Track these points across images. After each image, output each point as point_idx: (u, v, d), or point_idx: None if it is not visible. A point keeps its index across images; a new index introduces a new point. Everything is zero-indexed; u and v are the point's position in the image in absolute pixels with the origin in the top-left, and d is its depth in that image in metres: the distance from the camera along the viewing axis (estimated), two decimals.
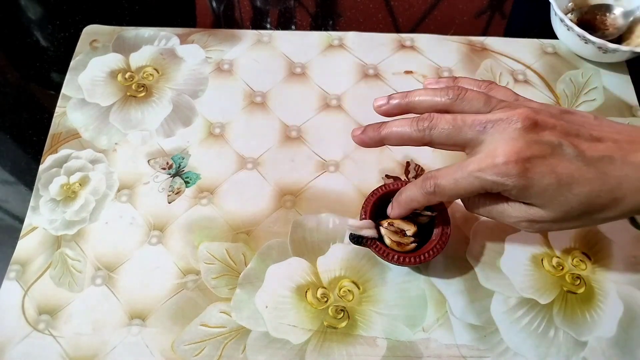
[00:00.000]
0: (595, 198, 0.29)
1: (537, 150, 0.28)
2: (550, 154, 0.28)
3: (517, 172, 0.28)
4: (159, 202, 0.43)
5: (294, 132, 0.46)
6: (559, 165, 0.28)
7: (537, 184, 0.28)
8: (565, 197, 0.29)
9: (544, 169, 0.28)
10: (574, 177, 0.28)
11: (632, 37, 0.50)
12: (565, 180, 0.28)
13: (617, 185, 0.29)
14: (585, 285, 0.39)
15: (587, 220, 0.30)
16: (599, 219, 0.30)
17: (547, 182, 0.28)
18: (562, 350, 0.37)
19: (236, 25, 0.54)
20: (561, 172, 0.28)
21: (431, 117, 0.31)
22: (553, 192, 0.29)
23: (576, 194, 0.29)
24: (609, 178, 0.29)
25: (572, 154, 0.29)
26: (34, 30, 0.54)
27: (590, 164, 0.29)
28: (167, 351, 0.37)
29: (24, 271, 0.40)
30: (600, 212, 0.29)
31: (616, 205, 0.29)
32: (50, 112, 0.47)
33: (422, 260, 0.36)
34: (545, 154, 0.28)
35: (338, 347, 0.37)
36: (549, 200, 0.29)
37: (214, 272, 0.40)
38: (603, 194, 0.29)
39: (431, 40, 0.52)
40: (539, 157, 0.28)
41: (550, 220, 0.30)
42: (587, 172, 0.28)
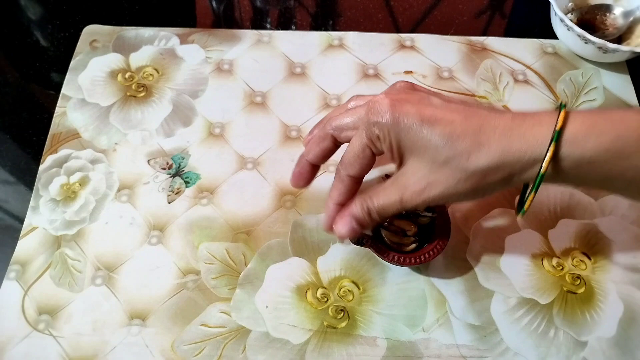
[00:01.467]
0: (457, 139, 0.29)
1: (406, 96, 0.31)
2: (418, 100, 0.31)
3: (386, 107, 0.30)
4: (159, 202, 0.43)
5: (294, 132, 0.46)
6: (425, 108, 0.30)
7: (403, 121, 0.30)
8: (429, 137, 0.29)
9: (409, 108, 0.30)
10: (437, 117, 0.30)
11: (632, 37, 0.50)
12: (428, 119, 0.30)
13: (480, 128, 0.29)
14: (585, 285, 0.39)
15: (460, 172, 0.30)
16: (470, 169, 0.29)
17: (411, 120, 0.30)
18: (562, 350, 0.37)
19: (236, 25, 0.54)
20: (426, 112, 0.30)
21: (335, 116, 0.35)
22: (417, 130, 0.30)
23: (439, 133, 0.29)
24: (471, 121, 0.29)
25: (438, 102, 0.31)
26: (34, 30, 0.54)
27: (454, 111, 0.30)
28: (167, 351, 0.37)
29: (24, 271, 0.40)
30: (467, 157, 0.29)
31: (482, 150, 0.29)
32: (50, 112, 0.47)
33: (422, 260, 0.36)
34: (413, 100, 0.31)
35: (338, 347, 0.37)
36: (414, 143, 0.30)
37: (214, 272, 0.40)
38: (465, 135, 0.29)
39: (431, 40, 0.52)
40: (407, 100, 0.31)
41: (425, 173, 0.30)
42: (449, 115, 0.30)
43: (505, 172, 0.29)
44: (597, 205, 0.43)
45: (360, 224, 0.34)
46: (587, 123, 0.28)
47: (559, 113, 0.28)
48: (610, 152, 0.27)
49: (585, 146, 0.28)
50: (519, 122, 0.29)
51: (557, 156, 0.28)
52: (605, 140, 0.27)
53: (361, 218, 0.33)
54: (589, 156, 0.28)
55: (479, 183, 0.30)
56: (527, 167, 0.29)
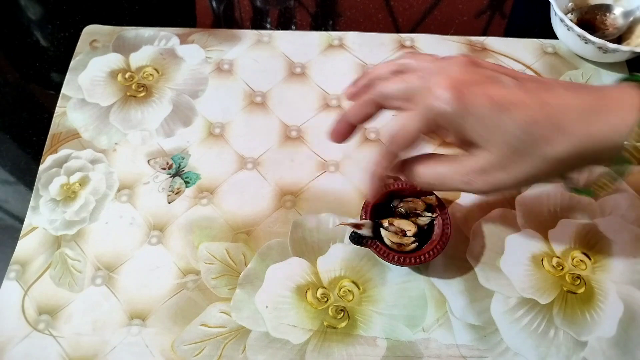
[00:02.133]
0: (534, 124, 0.27)
1: (471, 77, 0.28)
2: (485, 81, 0.28)
3: (453, 95, 0.27)
4: (159, 202, 0.43)
5: (294, 132, 0.46)
6: (494, 89, 0.28)
7: (472, 105, 0.27)
8: (503, 123, 0.27)
9: (479, 90, 0.28)
10: (511, 100, 0.27)
11: (632, 37, 0.50)
12: (501, 103, 0.27)
13: (556, 112, 0.27)
14: (585, 285, 0.39)
15: (538, 161, 0.28)
16: (549, 158, 0.27)
17: (481, 103, 0.27)
18: (562, 350, 0.37)
19: (236, 25, 0.54)
20: (496, 94, 0.27)
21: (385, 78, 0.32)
22: (490, 116, 0.27)
23: (513, 117, 0.27)
24: (547, 104, 0.27)
25: (510, 82, 0.28)
26: (34, 30, 0.54)
27: (528, 91, 0.28)
28: (167, 351, 0.37)
29: (24, 271, 0.40)
30: (546, 144, 0.27)
31: (561, 136, 0.27)
32: (50, 112, 0.47)
33: (422, 260, 0.36)
34: (480, 80, 0.28)
35: (338, 347, 0.37)
36: (487, 130, 0.28)
37: (214, 272, 0.40)
38: (543, 120, 0.27)
39: (431, 40, 0.52)
40: (474, 82, 0.28)
41: (497, 162, 0.28)
42: (524, 97, 0.27)
43: (586, 157, 0.28)
44: (597, 205, 0.43)
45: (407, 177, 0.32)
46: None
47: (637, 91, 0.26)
48: None
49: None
50: (598, 102, 0.27)
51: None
52: None
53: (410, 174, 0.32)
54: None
55: (557, 168, 0.28)
56: (608, 152, 0.27)
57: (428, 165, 0.31)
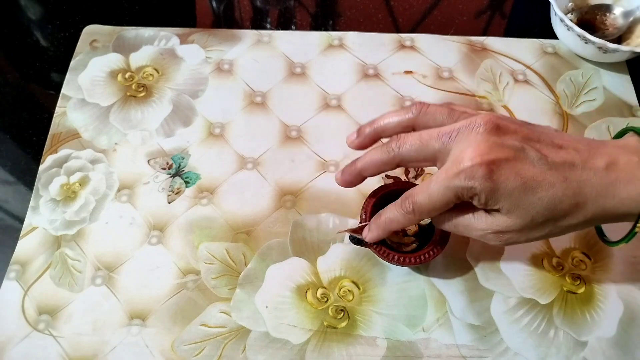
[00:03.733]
0: (558, 203, 0.29)
1: (501, 153, 0.29)
2: (514, 157, 0.29)
3: (483, 174, 0.28)
4: (159, 202, 0.43)
5: (294, 132, 0.46)
6: (523, 169, 0.29)
7: (502, 186, 0.29)
8: (530, 202, 0.29)
9: (509, 171, 0.29)
10: (538, 180, 0.29)
11: (632, 37, 0.50)
12: (529, 184, 0.29)
13: (579, 190, 0.29)
14: (585, 285, 0.39)
15: (552, 228, 0.31)
16: (563, 226, 0.31)
17: (512, 185, 0.29)
18: (562, 350, 0.37)
19: (236, 25, 0.54)
20: (525, 175, 0.29)
21: (398, 137, 0.32)
22: (518, 196, 0.29)
23: (540, 197, 0.29)
24: (571, 182, 0.29)
25: (536, 158, 0.29)
26: (34, 30, 0.54)
27: (552, 168, 0.29)
28: (167, 351, 0.37)
29: (24, 271, 0.40)
30: (564, 218, 0.30)
31: (579, 211, 0.30)
32: (50, 112, 0.47)
33: (422, 260, 0.36)
34: (509, 157, 0.29)
35: (338, 347, 0.37)
36: (515, 206, 0.29)
37: (214, 272, 0.40)
38: (566, 198, 0.29)
39: (431, 40, 0.52)
40: (504, 160, 0.29)
41: (516, 229, 0.30)
42: (550, 176, 0.29)
43: (595, 223, 0.31)
44: None
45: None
46: None
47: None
48: None
49: None
50: (614, 178, 0.29)
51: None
52: None
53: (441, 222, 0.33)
54: None
55: (566, 232, 0.31)
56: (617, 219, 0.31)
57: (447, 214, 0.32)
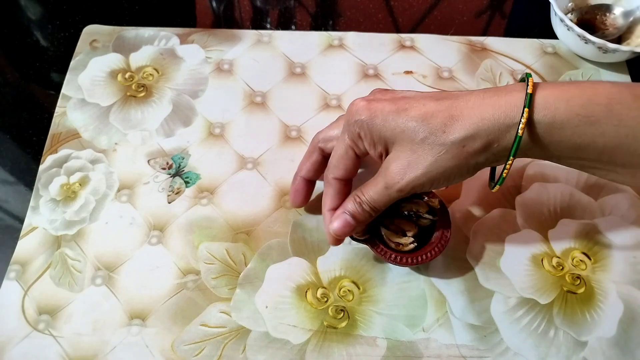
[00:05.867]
0: (430, 117, 0.31)
1: (380, 95, 0.34)
2: (391, 96, 0.33)
3: (363, 106, 0.33)
4: (159, 202, 0.43)
5: (294, 132, 0.46)
6: (398, 100, 0.32)
7: (379, 114, 0.32)
8: (402, 121, 0.31)
9: (385, 103, 0.32)
10: (410, 103, 0.32)
11: (632, 37, 0.50)
12: (401, 107, 0.32)
13: (453, 104, 0.31)
14: (585, 285, 0.39)
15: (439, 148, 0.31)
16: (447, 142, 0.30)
17: (387, 111, 0.32)
18: (562, 350, 0.37)
19: (236, 25, 0.54)
20: (398, 103, 0.32)
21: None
22: (393, 120, 0.31)
23: (411, 115, 0.31)
24: (444, 100, 0.31)
25: (411, 93, 0.33)
26: (34, 30, 0.54)
27: (426, 96, 0.32)
28: (167, 351, 0.37)
29: (24, 271, 0.40)
30: (443, 132, 0.30)
31: (456, 123, 0.30)
32: (50, 112, 0.47)
33: (421, 261, 0.36)
34: (388, 96, 0.33)
35: (338, 347, 0.37)
36: (392, 131, 0.32)
37: (214, 272, 0.40)
38: (438, 113, 0.30)
39: (431, 40, 0.52)
40: (382, 98, 0.33)
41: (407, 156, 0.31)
42: (421, 99, 0.32)
43: (483, 140, 0.30)
44: (597, 205, 0.43)
45: (354, 217, 0.35)
46: (557, 89, 0.29)
47: (527, 82, 0.29)
48: (580, 117, 0.28)
49: (557, 110, 0.29)
50: (490, 94, 0.30)
51: (531, 121, 0.29)
52: (575, 105, 0.28)
53: (354, 211, 0.34)
54: (560, 121, 0.29)
55: (459, 155, 0.31)
56: (503, 133, 0.30)
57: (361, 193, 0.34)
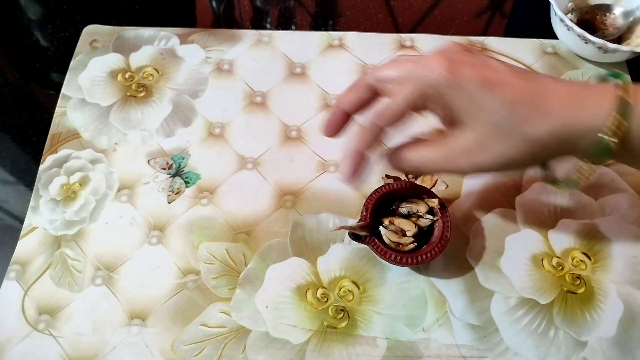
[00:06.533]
0: (517, 104, 0.28)
1: (466, 58, 0.30)
2: (477, 63, 0.30)
3: (445, 66, 0.29)
4: (159, 202, 0.43)
5: (294, 132, 0.46)
6: (483, 69, 0.29)
7: (462, 81, 0.29)
8: (488, 101, 0.28)
9: (469, 68, 0.29)
10: (498, 79, 0.29)
11: (632, 37, 0.50)
12: (488, 80, 0.29)
13: (540, 95, 0.28)
14: (585, 285, 0.39)
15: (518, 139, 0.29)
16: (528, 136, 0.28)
17: (471, 79, 0.29)
18: (562, 350, 0.37)
19: (236, 25, 0.54)
20: (485, 73, 0.29)
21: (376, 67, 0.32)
22: (477, 92, 0.29)
23: (498, 96, 0.28)
24: (531, 86, 0.29)
25: (501, 67, 0.30)
26: (34, 30, 0.54)
27: (517, 75, 0.29)
28: (167, 351, 0.37)
29: (24, 271, 0.40)
30: (526, 124, 0.28)
31: (541, 116, 0.28)
32: (50, 112, 0.47)
33: (420, 261, 0.36)
34: (474, 62, 0.30)
35: (338, 347, 0.37)
36: (474, 106, 0.29)
37: (214, 272, 0.40)
38: (525, 100, 0.28)
39: (431, 40, 0.52)
40: (468, 62, 0.29)
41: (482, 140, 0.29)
42: (509, 77, 0.29)
43: (564, 140, 0.29)
44: (597, 205, 0.43)
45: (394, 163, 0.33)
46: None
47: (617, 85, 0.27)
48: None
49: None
50: (579, 90, 0.28)
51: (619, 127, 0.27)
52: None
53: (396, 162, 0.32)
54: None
55: (535, 150, 0.29)
56: (586, 137, 0.28)
57: (413, 149, 0.32)
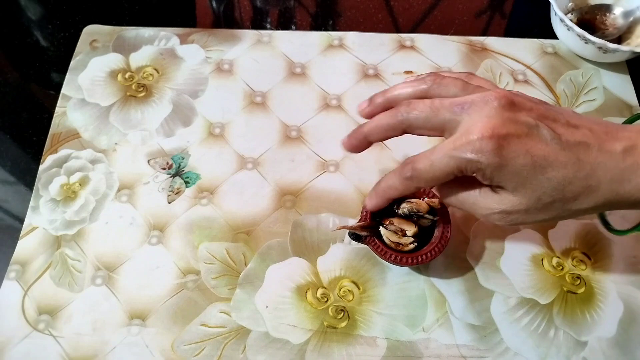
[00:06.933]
0: (568, 184, 0.28)
1: (512, 129, 0.28)
2: (526, 134, 0.28)
3: (492, 148, 0.27)
4: (159, 202, 0.43)
5: (294, 132, 0.46)
6: (535, 147, 0.28)
7: (511, 163, 0.28)
8: (538, 181, 0.28)
9: (519, 147, 0.27)
10: (549, 159, 0.28)
11: (632, 37, 0.50)
12: (539, 162, 0.28)
13: (592, 173, 0.28)
14: (585, 285, 0.39)
15: (560, 211, 0.29)
16: (572, 210, 0.29)
17: (521, 163, 0.28)
18: (562, 350, 0.37)
19: (236, 25, 0.54)
20: (536, 153, 0.28)
21: (409, 102, 0.31)
22: (527, 174, 0.28)
23: (549, 178, 0.28)
24: (583, 164, 0.28)
25: (549, 137, 0.28)
26: (34, 30, 0.54)
27: (566, 149, 0.28)
28: (167, 351, 0.37)
29: (24, 271, 0.40)
30: (573, 201, 0.29)
31: (589, 194, 0.28)
32: (50, 112, 0.47)
33: (420, 261, 0.36)
34: (521, 133, 0.28)
35: (338, 347, 0.37)
36: (522, 184, 0.28)
37: (214, 272, 0.40)
38: (577, 180, 0.28)
39: (431, 40, 0.52)
40: (515, 135, 0.28)
41: (523, 208, 0.29)
42: (562, 156, 0.28)
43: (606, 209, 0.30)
44: None
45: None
46: None
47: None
48: None
49: None
50: (631, 162, 0.28)
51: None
52: None
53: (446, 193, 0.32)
54: None
55: (575, 216, 0.30)
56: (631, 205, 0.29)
57: (453, 188, 0.32)
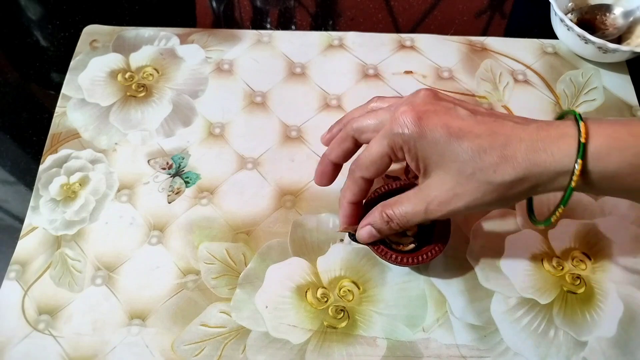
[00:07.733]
0: (484, 153, 0.29)
1: (431, 107, 0.31)
2: (443, 111, 0.31)
3: (412, 119, 0.31)
4: (159, 202, 0.43)
5: (294, 132, 0.46)
6: (451, 120, 0.30)
7: (430, 134, 0.30)
8: (455, 152, 0.30)
9: (437, 120, 0.30)
10: (464, 130, 0.30)
11: (632, 37, 0.50)
12: (455, 133, 0.30)
13: (507, 142, 0.30)
14: (585, 285, 0.39)
15: (486, 185, 0.30)
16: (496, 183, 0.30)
17: (438, 133, 0.30)
18: (562, 350, 0.37)
19: (236, 25, 0.54)
20: (452, 124, 0.30)
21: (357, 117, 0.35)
22: (444, 144, 0.30)
23: (465, 148, 0.30)
24: (498, 135, 0.30)
25: (464, 113, 0.31)
26: (34, 30, 0.54)
27: (480, 123, 0.30)
28: (167, 351, 0.37)
29: (24, 271, 0.40)
30: (493, 171, 0.30)
31: (507, 163, 0.29)
32: (50, 112, 0.47)
33: (420, 261, 0.36)
34: (439, 110, 0.31)
35: (338, 347, 0.37)
36: (441, 156, 0.30)
37: (214, 272, 0.40)
38: (492, 150, 0.29)
39: (431, 40, 0.52)
40: (432, 111, 0.31)
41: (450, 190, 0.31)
42: (476, 128, 0.30)
43: (531, 183, 0.30)
44: (597, 205, 0.43)
45: (380, 231, 0.35)
46: (610, 137, 0.29)
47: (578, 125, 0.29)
48: (633, 166, 0.28)
49: (609, 160, 0.28)
50: (544, 135, 0.29)
51: (583, 170, 0.29)
52: (628, 155, 0.28)
53: (381, 227, 0.34)
54: (612, 170, 0.28)
55: (505, 194, 0.31)
56: (552, 179, 0.30)
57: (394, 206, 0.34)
